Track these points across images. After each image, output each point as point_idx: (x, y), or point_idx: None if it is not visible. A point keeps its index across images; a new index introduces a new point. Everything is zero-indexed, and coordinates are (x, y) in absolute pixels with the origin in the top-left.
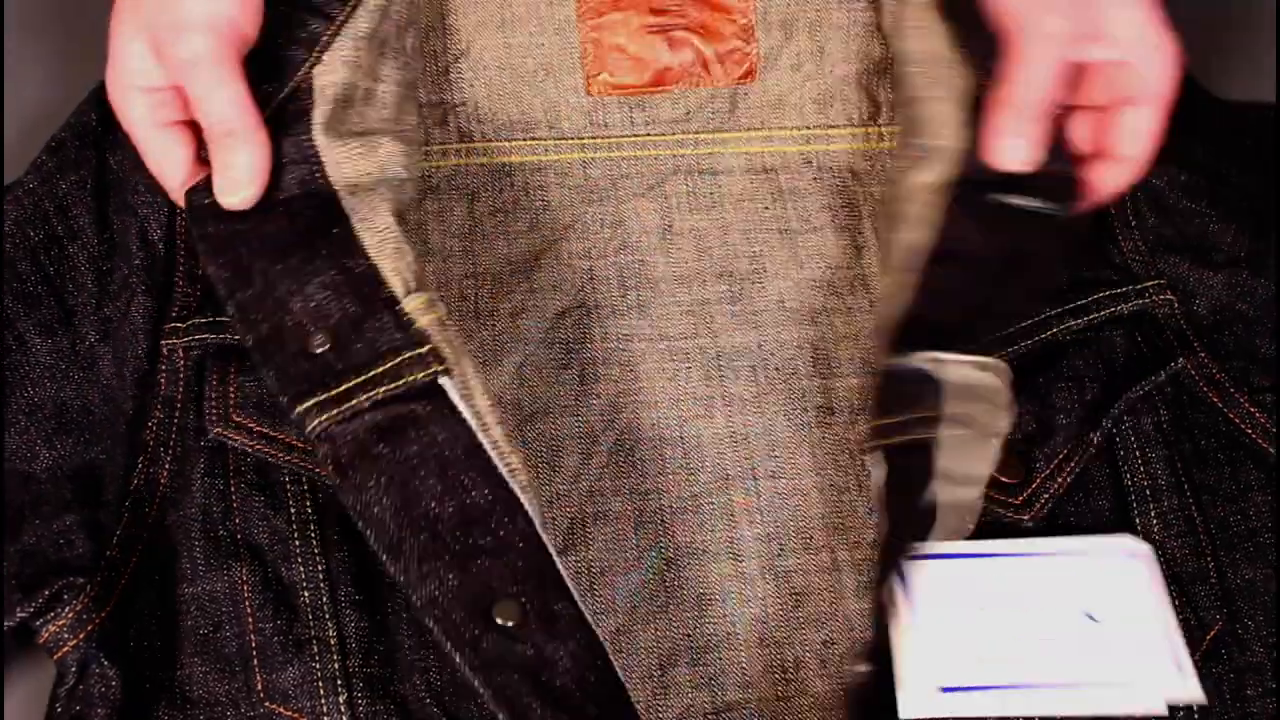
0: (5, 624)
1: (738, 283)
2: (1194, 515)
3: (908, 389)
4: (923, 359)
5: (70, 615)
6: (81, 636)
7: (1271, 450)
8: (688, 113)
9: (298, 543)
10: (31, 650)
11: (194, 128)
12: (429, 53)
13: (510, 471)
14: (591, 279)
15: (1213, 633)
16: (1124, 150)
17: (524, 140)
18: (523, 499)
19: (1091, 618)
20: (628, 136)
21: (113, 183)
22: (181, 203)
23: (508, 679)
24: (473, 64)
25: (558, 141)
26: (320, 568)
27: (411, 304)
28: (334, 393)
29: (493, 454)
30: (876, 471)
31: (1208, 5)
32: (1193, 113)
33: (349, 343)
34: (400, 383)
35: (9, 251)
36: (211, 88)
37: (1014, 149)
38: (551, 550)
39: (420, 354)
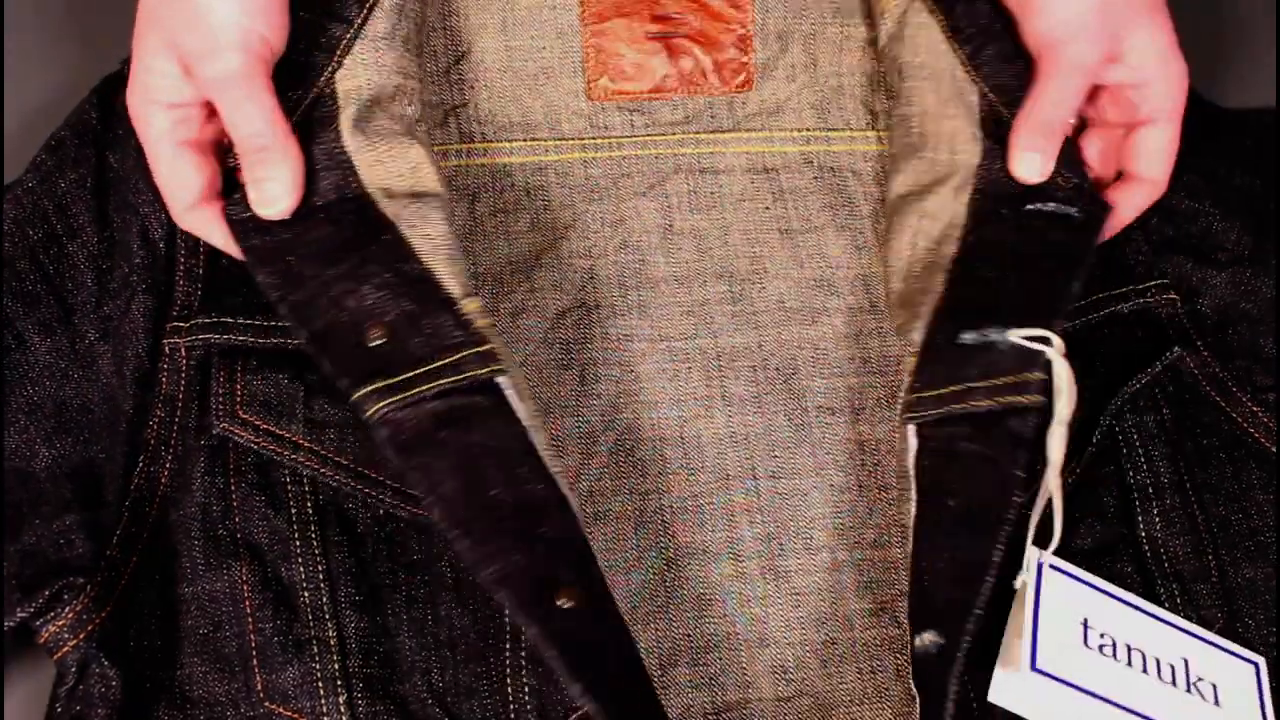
0: (5, 624)
1: (738, 283)
2: (1195, 513)
3: (955, 360)
4: (972, 335)
5: (70, 615)
6: (81, 636)
7: (1274, 449)
8: (687, 116)
9: (298, 543)
10: (31, 650)
11: (209, 149)
12: (429, 52)
13: (555, 473)
14: (592, 279)
15: (1213, 631)
16: (1145, 170)
17: (524, 141)
18: (570, 499)
19: (1197, 690)
20: (628, 137)
21: (112, 180)
22: (184, 225)
23: (581, 654)
24: (473, 65)
25: (558, 142)
26: (320, 568)
27: (469, 305)
28: (393, 381)
29: (543, 454)
30: (910, 443)
31: (1208, 8)
32: (1193, 115)
33: (407, 337)
34: (463, 376)
35: (8, 251)
36: (243, 104)
37: (1033, 163)
38: (592, 550)
39: (480, 352)
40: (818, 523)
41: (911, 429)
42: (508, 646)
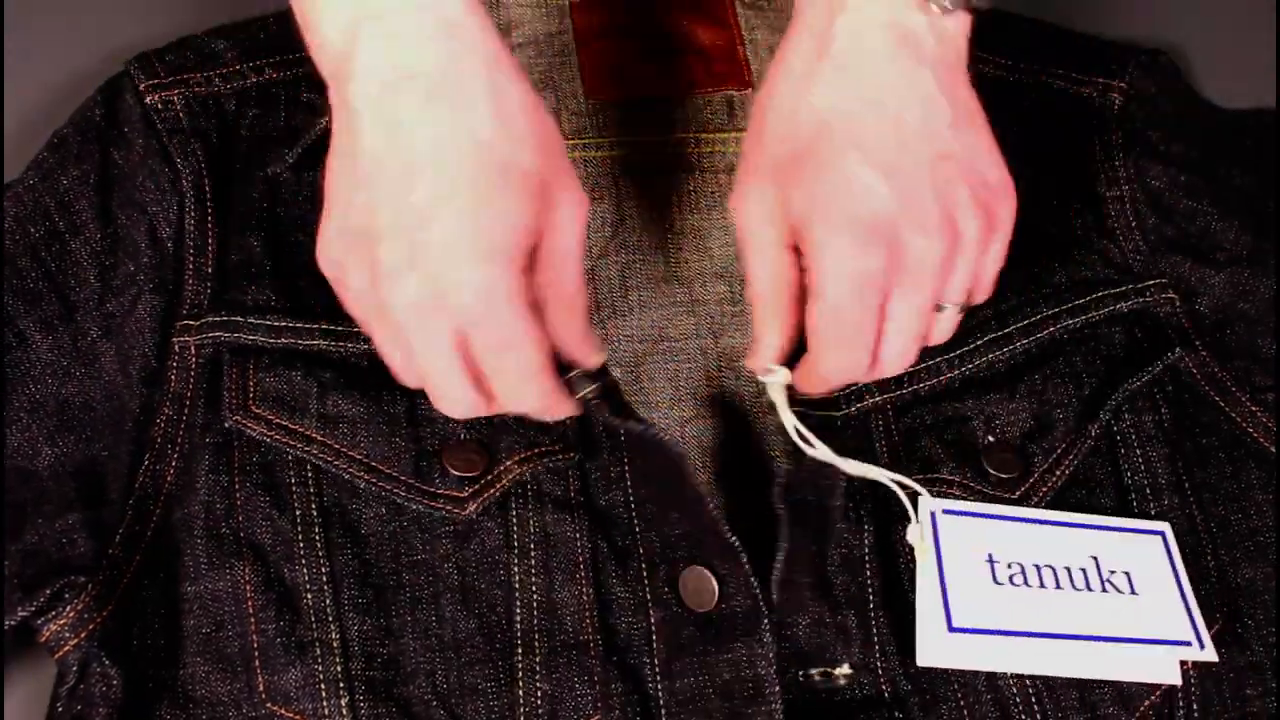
0: (6, 623)
1: (738, 282)
2: (1194, 514)
3: None
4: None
5: (72, 614)
6: (83, 636)
7: (1273, 449)
8: (686, 116)
9: (301, 544)
10: (32, 650)
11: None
12: None
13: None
14: (592, 279)
15: (1213, 631)
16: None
17: None
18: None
19: (1111, 585)
20: (628, 137)
21: (117, 177)
22: (555, 412)
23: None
24: None
25: None
26: (324, 569)
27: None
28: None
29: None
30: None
31: (1208, 8)
32: (1192, 115)
33: None
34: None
35: (9, 248)
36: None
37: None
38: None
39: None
40: None
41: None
42: (519, 651)
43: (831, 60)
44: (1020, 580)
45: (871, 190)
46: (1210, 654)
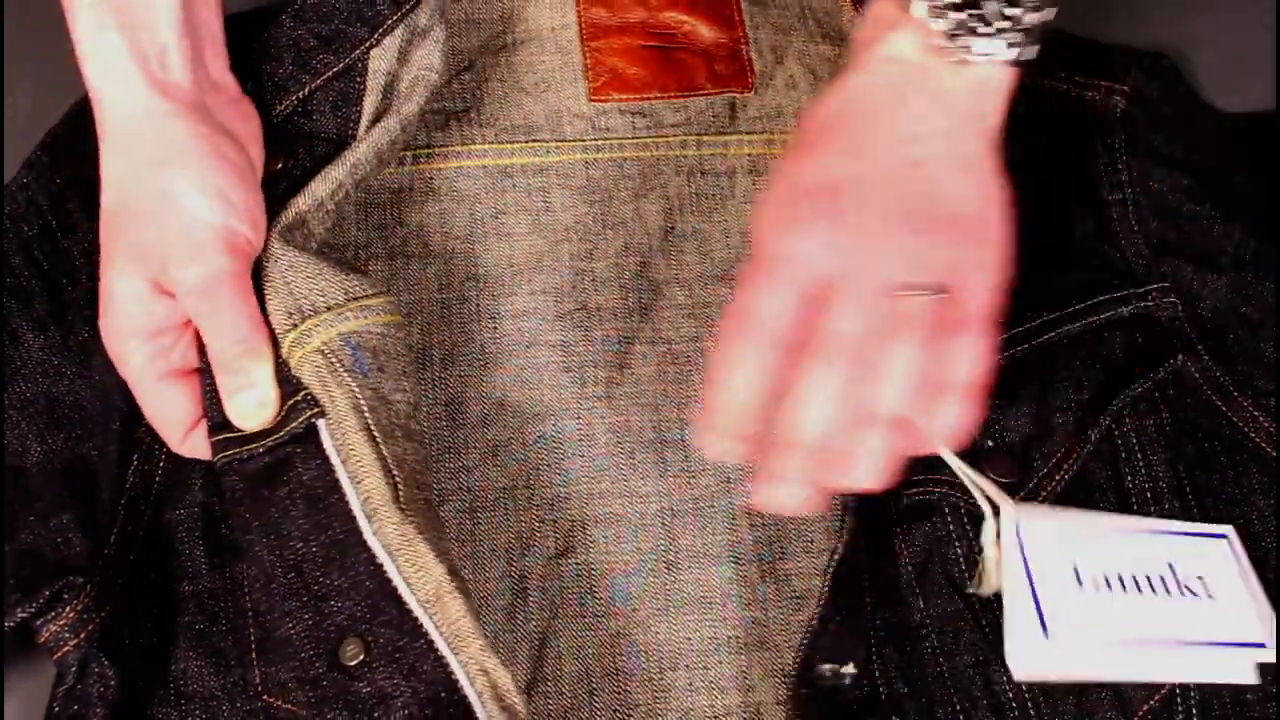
0: (6, 624)
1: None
2: (1196, 518)
3: None
4: None
5: (71, 615)
6: (82, 636)
7: (1274, 454)
8: (688, 118)
9: None
10: (32, 650)
11: (192, 373)
12: None
13: (364, 501)
14: (593, 281)
15: None
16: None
17: (526, 143)
18: (366, 533)
19: (1189, 589)
20: (629, 139)
21: None
22: (185, 452)
23: (336, 716)
24: (475, 77)
25: (559, 144)
26: None
27: (286, 344)
28: (241, 433)
29: (348, 488)
30: None
31: (1208, 8)
32: (1195, 119)
33: None
34: (284, 430)
35: (1, 247)
36: (226, 311)
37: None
38: (397, 581)
39: (296, 402)
40: (819, 525)
41: None
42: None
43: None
44: (1105, 587)
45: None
46: (1272, 654)
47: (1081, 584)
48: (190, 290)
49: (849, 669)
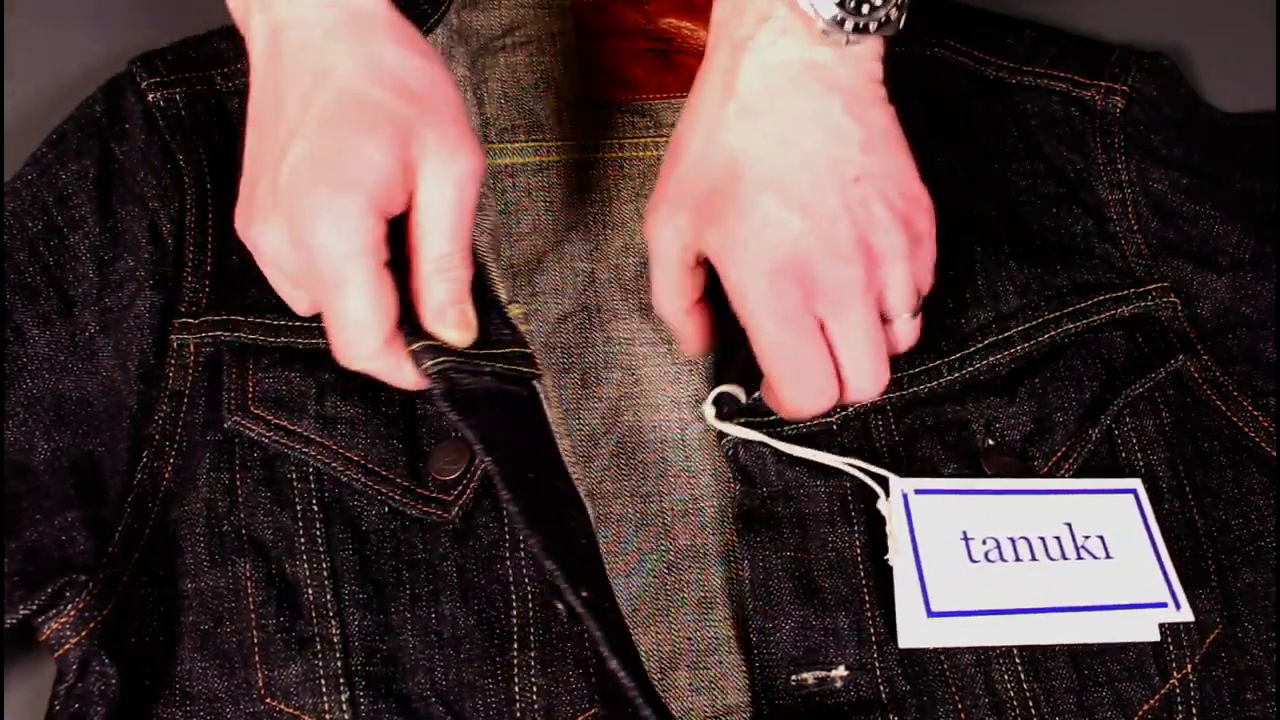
0: (7, 621)
1: None
2: (1195, 518)
3: None
4: None
5: (73, 613)
6: (84, 634)
7: (1274, 454)
8: None
9: (303, 539)
10: (32, 650)
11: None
12: None
13: (574, 477)
14: (593, 281)
15: (1212, 636)
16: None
17: (527, 142)
18: (586, 503)
19: (1086, 551)
20: (630, 138)
21: (116, 173)
22: (367, 367)
23: (608, 628)
24: (476, 77)
25: (560, 144)
26: (325, 565)
27: (514, 310)
28: (454, 353)
29: (565, 459)
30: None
31: (1208, 8)
32: (1194, 119)
33: None
34: (511, 368)
35: (6, 243)
36: (468, 214)
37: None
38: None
39: (526, 353)
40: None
41: None
42: (515, 646)
43: (738, 100)
44: (996, 555)
45: (783, 229)
46: (1187, 614)
47: (971, 555)
48: (453, 181)
49: (839, 671)
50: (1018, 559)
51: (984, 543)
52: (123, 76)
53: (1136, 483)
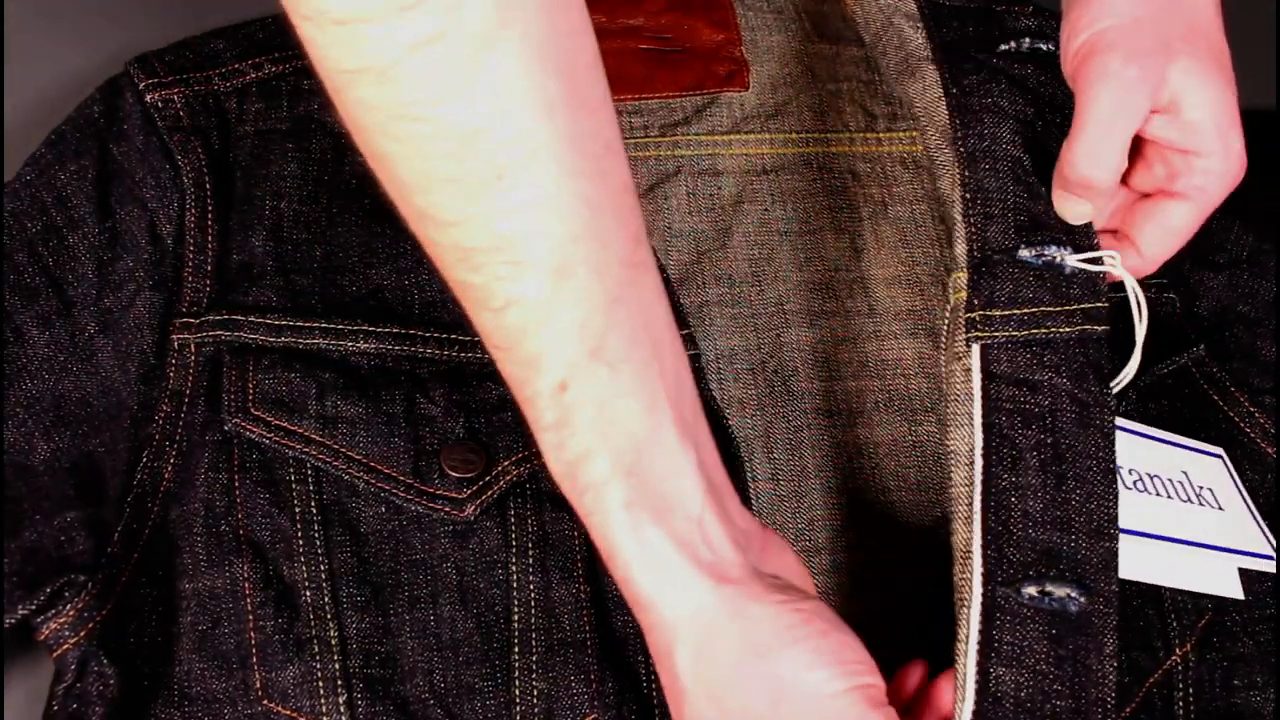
0: (6, 621)
1: (737, 285)
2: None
3: (1016, 279)
4: (1030, 253)
5: (72, 613)
6: (83, 634)
7: (1270, 451)
8: (686, 118)
9: (301, 541)
10: (31, 650)
11: None
12: None
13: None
14: None
15: (1203, 621)
16: (1146, 246)
17: None
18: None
19: (1203, 501)
20: (627, 139)
21: (115, 173)
22: None
23: None
24: None
25: None
26: (323, 567)
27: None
28: None
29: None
30: (974, 364)
31: None
32: None
33: None
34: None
35: (4, 244)
36: None
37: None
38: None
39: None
40: (817, 524)
41: (976, 350)
42: (516, 648)
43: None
44: (1144, 488)
45: None
46: (1270, 564)
47: (1125, 482)
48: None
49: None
50: (1157, 494)
51: (1130, 472)
52: (121, 77)
53: (1220, 450)
